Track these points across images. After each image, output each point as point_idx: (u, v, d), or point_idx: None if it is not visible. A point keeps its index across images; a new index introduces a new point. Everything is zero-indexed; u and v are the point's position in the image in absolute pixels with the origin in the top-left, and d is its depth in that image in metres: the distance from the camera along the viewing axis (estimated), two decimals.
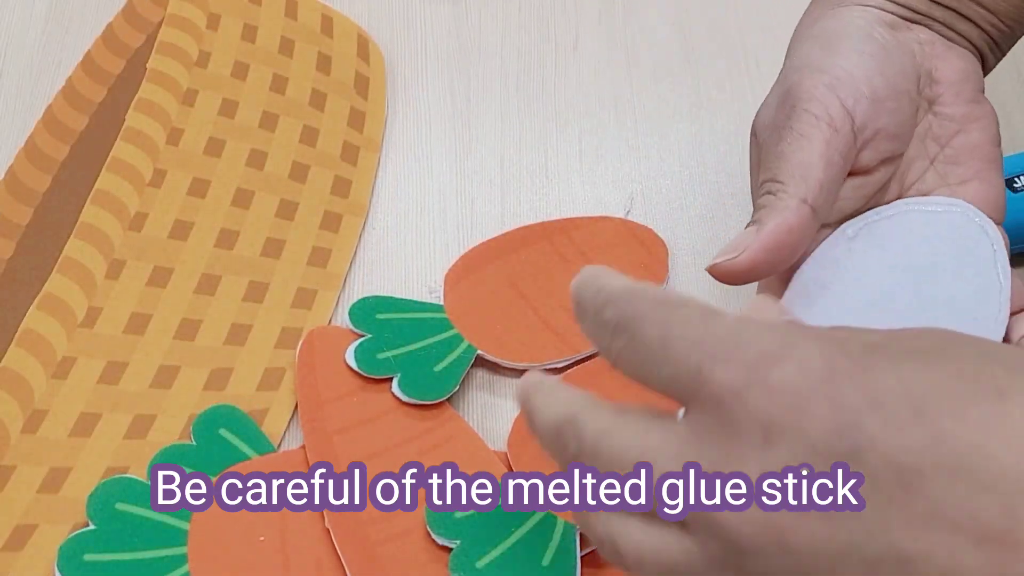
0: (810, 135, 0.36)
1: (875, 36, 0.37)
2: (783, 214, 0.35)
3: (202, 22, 0.54)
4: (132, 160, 0.49)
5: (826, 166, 0.36)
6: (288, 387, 0.44)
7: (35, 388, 0.43)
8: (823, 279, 0.38)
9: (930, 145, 0.39)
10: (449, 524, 0.39)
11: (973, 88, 0.39)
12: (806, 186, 0.36)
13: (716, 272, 0.36)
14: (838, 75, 0.37)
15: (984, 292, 0.37)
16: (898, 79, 0.37)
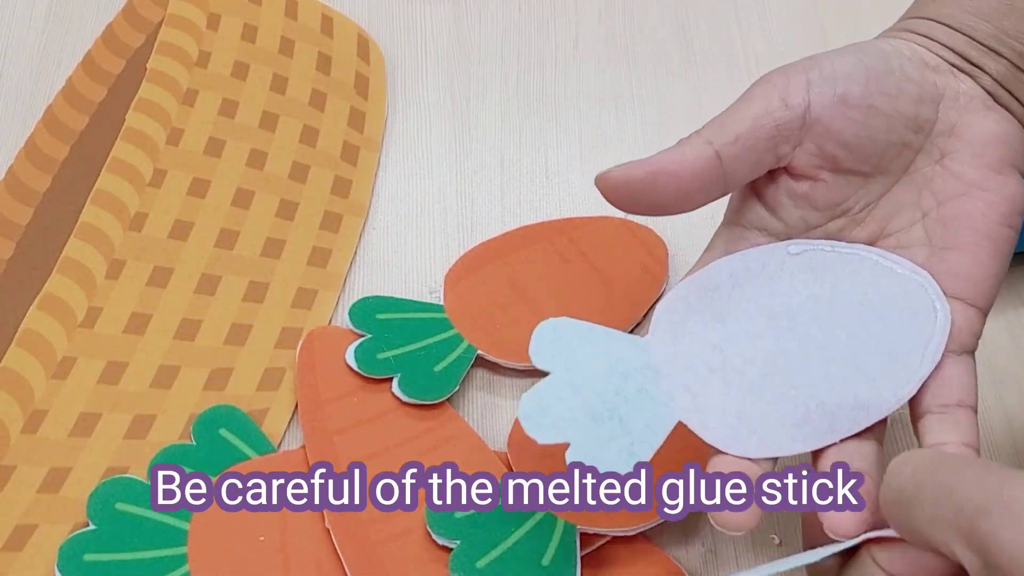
0: (756, 98, 0.36)
1: (891, 59, 0.36)
2: (681, 147, 0.35)
3: (202, 22, 0.54)
4: (132, 160, 0.49)
5: (752, 127, 0.35)
6: (288, 387, 0.44)
7: (35, 388, 0.43)
8: (739, 276, 0.37)
9: (926, 198, 0.37)
10: (449, 524, 0.39)
11: (1000, 157, 0.36)
12: (719, 132, 0.35)
13: (598, 182, 0.35)
14: (822, 64, 0.36)
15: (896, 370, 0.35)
16: (884, 100, 0.36)
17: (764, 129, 0.35)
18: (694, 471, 0.35)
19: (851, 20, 0.57)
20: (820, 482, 0.34)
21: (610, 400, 0.35)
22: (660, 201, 0.35)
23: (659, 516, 0.39)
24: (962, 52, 0.37)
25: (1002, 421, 0.45)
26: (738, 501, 0.33)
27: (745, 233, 0.38)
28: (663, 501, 0.37)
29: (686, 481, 0.35)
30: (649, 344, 0.37)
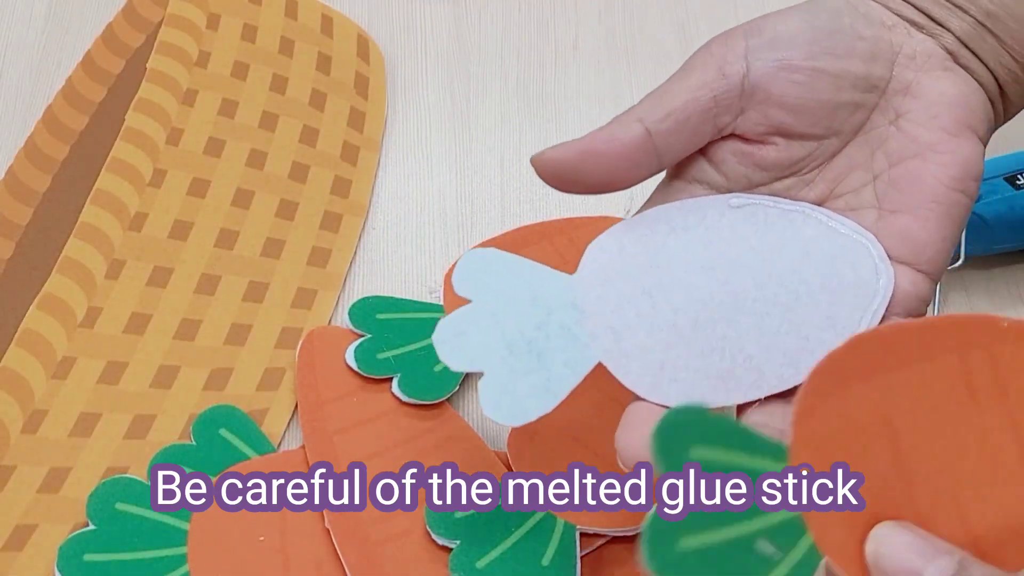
0: (693, 69, 0.34)
1: (841, 17, 0.35)
2: (611, 126, 0.34)
3: (202, 22, 0.54)
4: (132, 160, 0.49)
5: (688, 100, 0.34)
6: (288, 387, 0.44)
7: (35, 388, 0.43)
8: (676, 223, 0.35)
9: (879, 159, 0.35)
10: (449, 524, 0.39)
11: (956, 119, 0.35)
12: (651, 109, 0.34)
13: (532, 162, 0.34)
14: (763, 28, 0.35)
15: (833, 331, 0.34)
16: (830, 61, 0.34)
17: (699, 102, 0.34)
18: (694, 471, 0.35)
19: None
20: (820, 482, 0.33)
21: (530, 334, 0.34)
22: (592, 181, 0.34)
23: (658, 515, 0.39)
24: (924, 8, 0.35)
25: None
26: (738, 501, 0.33)
27: (686, 186, 0.37)
28: (663, 501, 0.36)
29: (686, 481, 0.35)
30: (577, 282, 0.36)
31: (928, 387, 0.29)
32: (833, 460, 0.28)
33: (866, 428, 0.29)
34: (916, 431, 0.29)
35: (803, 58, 0.34)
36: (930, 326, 0.30)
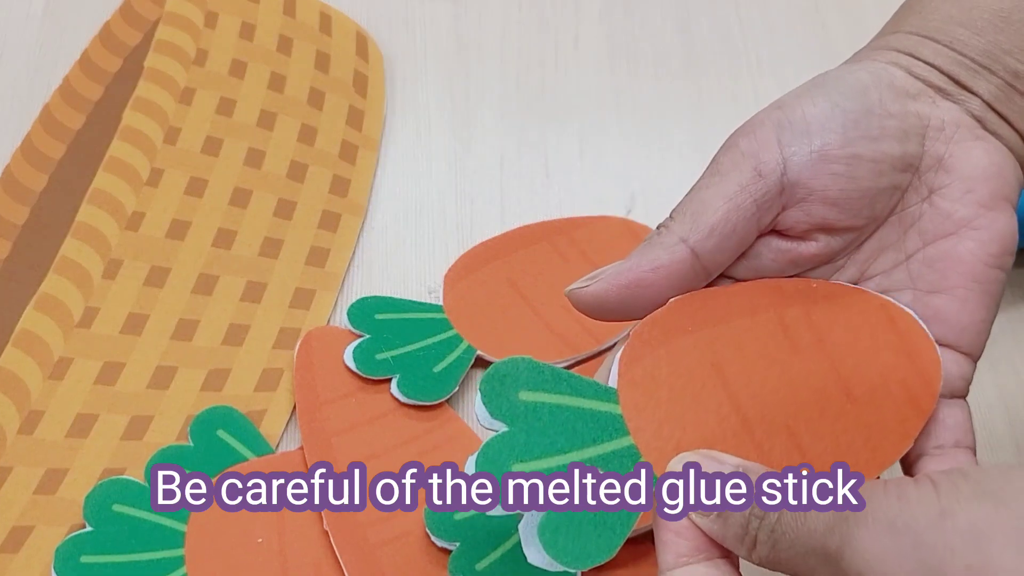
0: (727, 173, 0.33)
1: (868, 94, 0.33)
2: (654, 250, 0.32)
3: (200, 20, 0.53)
4: (129, 159, 0.49)
5: (728, 210, 0.32)
6: (286, 388, 0.44)
7: (32, 389, 0.43)
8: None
9: (912, 238, 0.34)
10: (448, 526, 0.39)
11: (991, 191, 0.33)
12: (693, 226, 0.32)
13: (570, 299, 0.33)
14: (792, 117, 0.33)
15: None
16: (866, 144, 0.32)
17: (741, 210, 0.32)
18: (694, 471, 0.35)
19: (853, 18, 0.57)
20: (820, 482, 0.33)
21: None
22: (638, 310, 0.33)
23: (659, 516, 0.39)
24: (950, 72, 0.34)
25: (1004, 419, 0.45)
26: (738, 501, 0.33)
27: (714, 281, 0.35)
28: (663, 501, 0.36)
29: (686, 481, 0.35)
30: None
31: (751, 338, 0.33)
32: (664, 402, 0.31)
33: (695, 373, 0.32)
34: (745, 375, 0.32)
35: (839, 146, 0.32)
36: (746, 289, 0.34)
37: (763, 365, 0.32)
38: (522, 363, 0.31)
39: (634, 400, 0.32)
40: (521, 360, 0.31)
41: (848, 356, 0.33)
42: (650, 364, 0.32)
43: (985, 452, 0.44)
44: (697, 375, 0.32)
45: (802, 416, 0.32)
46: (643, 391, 0.32)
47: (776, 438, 0.31)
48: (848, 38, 0.56)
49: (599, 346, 0.45)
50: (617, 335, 0.46)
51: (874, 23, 0.57)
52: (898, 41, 0.35)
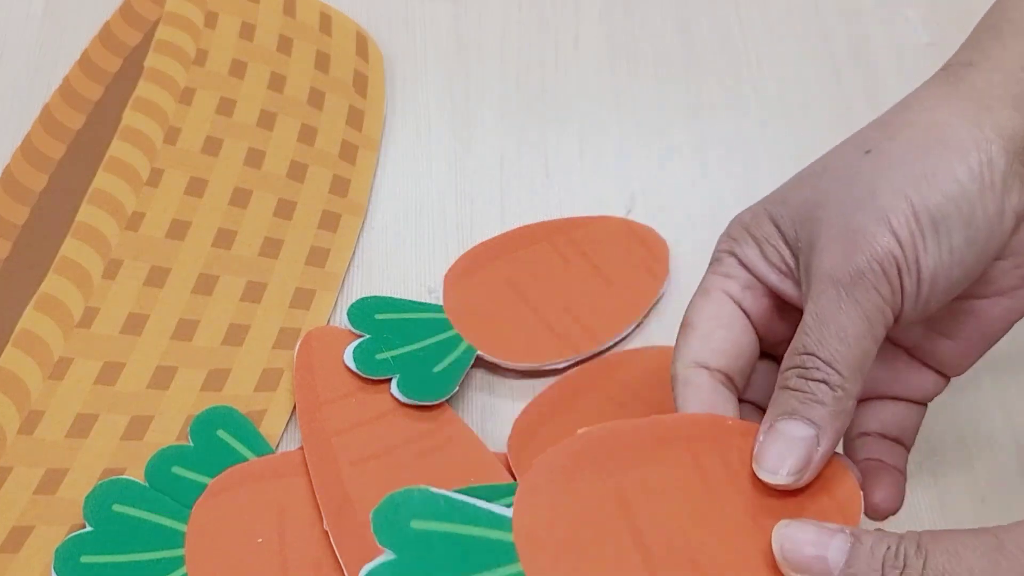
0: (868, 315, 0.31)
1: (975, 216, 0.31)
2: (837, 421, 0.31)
3: (200, 20, 0.53)
4: (129, 159, 0.49)
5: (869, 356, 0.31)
6: (286, 388, 0.44)
7: (32, 389, 0.43)
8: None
9: None
10: None
11: None
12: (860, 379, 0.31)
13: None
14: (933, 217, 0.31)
15: None
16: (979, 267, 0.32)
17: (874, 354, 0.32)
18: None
19: (853, 18, 0.57)
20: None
21: None
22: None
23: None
24: None
25: (1003, 419, 0.45)
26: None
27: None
28: None
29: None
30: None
31: (659, 472, 0.32)
32: (561, 533, 0.30)
33: (595, 504, 0.31)
34: (649, 508, 0.31)
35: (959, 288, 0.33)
36: (659, 423, 0.33)
37: (670, 499, 0.32)
38: (416, 493, 0.31)
39: (529, 530, 0.31)
40: (416, 490, 0.31)
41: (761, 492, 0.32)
42: (549, 494, 0.31)
43: (985, 452, 0.44)
44: (598, 507, 0.31)
45: (708, 551, 0.31)
46: (540, 521, 0.31)
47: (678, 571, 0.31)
48: (847, 37, 0.56)
49: (599, 346, 0.45)
50: (616, 335, 0.46)
51: (873, 21, 0.57)
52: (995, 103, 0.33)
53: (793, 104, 0.54)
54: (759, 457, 0.31)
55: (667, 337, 0.46)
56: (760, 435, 0.32)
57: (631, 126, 0.53)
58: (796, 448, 0.31)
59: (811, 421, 0.31)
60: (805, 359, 0.31)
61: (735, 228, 0.36)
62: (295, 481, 0.41)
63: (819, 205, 0.32)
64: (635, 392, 0.44)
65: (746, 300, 0.35)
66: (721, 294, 0.35)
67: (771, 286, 0.35)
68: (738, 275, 0.35)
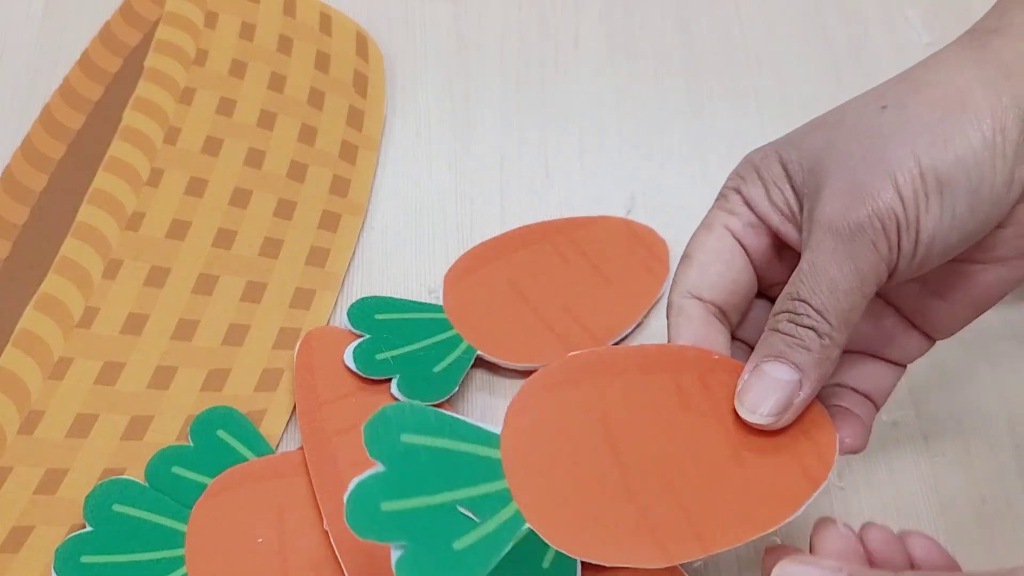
0: (861, 270, 0.31)
1: (983, 185, 0.31)
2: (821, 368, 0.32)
3: (200, 20, 0.53)
4: (129, 159, 0.49)
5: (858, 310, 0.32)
6: (286, 388, 0.44)
7: (32, 389, 0.43)
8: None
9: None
10: None
11: None
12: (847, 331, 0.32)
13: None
14: (939, 179, 0.31)
15: None
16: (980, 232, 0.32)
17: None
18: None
19: (853, 17, 0.57)
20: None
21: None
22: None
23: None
24: None
25: (1004, 420, 0.45)
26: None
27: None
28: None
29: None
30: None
31: (642, 396, 0.33)
32: (544, 450, 0.32)
33: (580, 425, 0.32)
34: (632, 431, 0.32)
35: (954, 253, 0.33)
36: (644, 351, 0.34)
37: (652, 422, 0.33)
38: (407, 408, 0.32)
39: (515, 446, 0.32)
40: (407, 405, 0.32)
41: (743, 425, 0.33)
42: (536, 413, 0.32)
43: (985, 452, 0.44)
44: (582, 426, 0.32)
45: (686, 474, 0.32)
46: (526, 438, 0.32)
47: (657, 495, 0.31)
48: (848, 38, 0.56)
49: (599, 346, 0.45)
50: (616, 335, 0.46)
51: (873, 21, 0.57)
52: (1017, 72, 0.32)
53: (793, 104, 0.54)
54: (741, 395, 0.32)
55: (667, 337, 0.46)
56: (745, 373, 0.33)
57: (631, 126, 0.53)
58: (778, 390, 0.32)
59: (796, 365, 0.32)
60: (796, 305, 0.32)
61: (744, 166, 0.36)
62: (295, 481, 0.41)
63: (829, 154, 0.33)
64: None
65: (747, 237, 0.36)
66: (723, 229, 0.36)
67: (773, 227, 0.35)
68: (741, 213, 0.36)
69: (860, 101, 0.34)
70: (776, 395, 0.32)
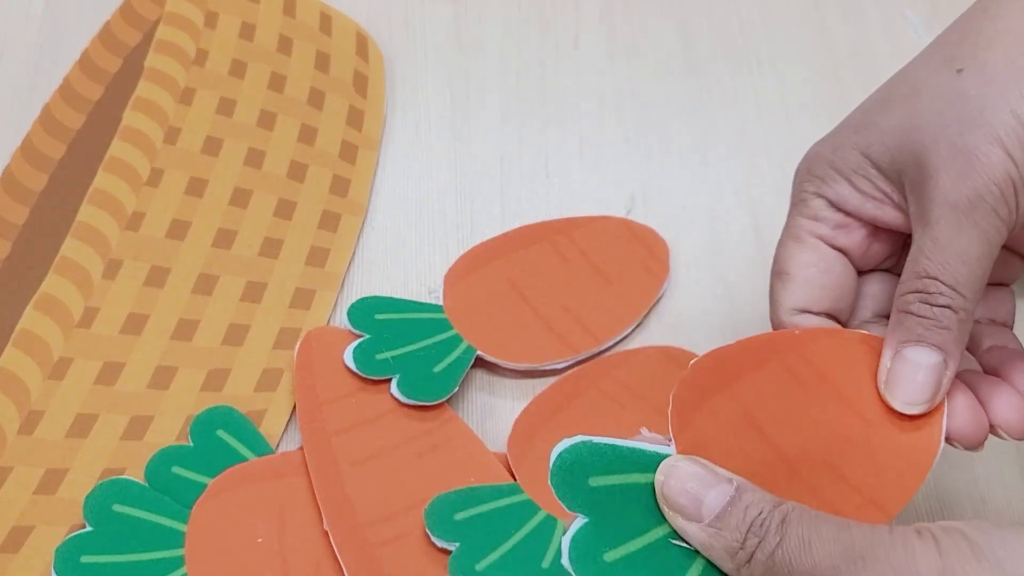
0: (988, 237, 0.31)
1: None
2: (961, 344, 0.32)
3: (200, 20, 0.53)
4: (129, 159, 0.49)
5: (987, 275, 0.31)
6: (286, 388, 0.44)
7: (32, 389, 0.43)
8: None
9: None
10: (448, 526, 0.39)
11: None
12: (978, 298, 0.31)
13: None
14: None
15: None
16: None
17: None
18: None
19: (853, 17, 0.57)
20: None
21: None
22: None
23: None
24: None
25: None
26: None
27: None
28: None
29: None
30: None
31: (768, 387, 0.34)
32: (716, 459, 0.33)
33: (735, 427, 0.33)
34: (774, 421, 0.33)
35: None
36: (746, 345, 0.35)
37: (787, 410, 0.34)
38: (584, 447, 0.33)
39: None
40: (582, 444, 0.33)
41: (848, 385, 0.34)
42: (698, 425, 0.33)
43: (985, 452, 0.44)
44: (738, 428, 0.33)
45: (835, 450, 0.33)
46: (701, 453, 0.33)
47: (822, 475, 0.32)
48: (848, 38, 0.56)
49: (599, 346, 0.45)
50: (617, 335, 0.46)
51: (873, 20, 0.57)
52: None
53: (793, 104, 0.54)
54: (892, 386, 0.32)
55: (667, 337, 0.46)
56: (886, 360, 0.33)
57: (631, 126, 0.53)
58: (927, 375, 0.32)
59: (938, 347, 0.32)
60: (928, 283, 0.31)
61: (818, 166, 0.35)
62: (295, 481, 0.41)
63: (919, 128, 0.32)
64: (635, 392, 0.44)
65: (839, 239, 0.35)
66: (814, 240, 0.35)
67: (868, 218, 0.35)
68: (827, 216, 0.35)
69: (925, 68, 0.33)
70: (930, 383, 0.32)
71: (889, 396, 0.32)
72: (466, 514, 0.39)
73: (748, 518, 0.30)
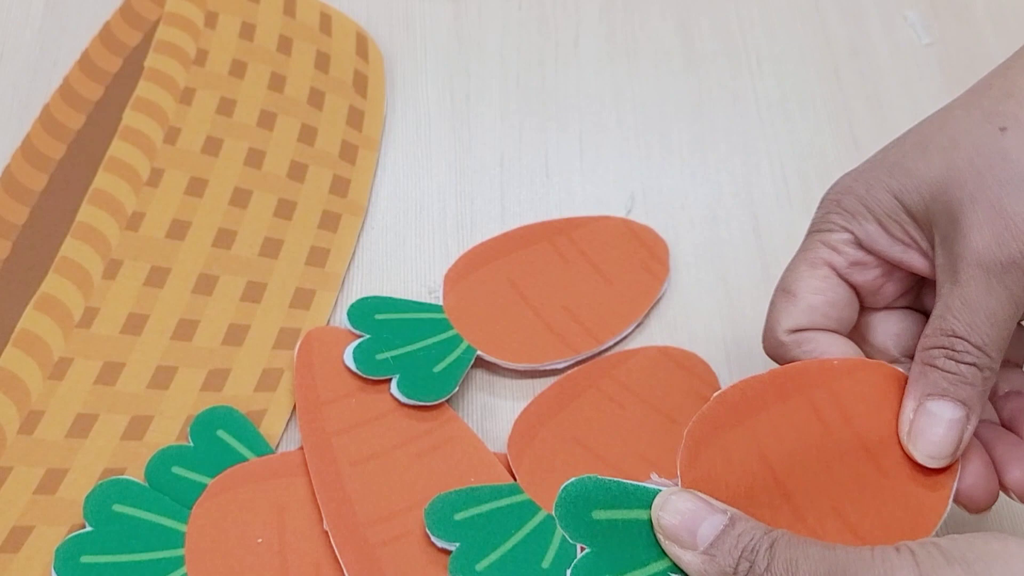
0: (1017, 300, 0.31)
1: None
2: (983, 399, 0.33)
3: (200, 20, 0.53)
4: (129, 159, 0.49)
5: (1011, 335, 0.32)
6: (286, 388, 0.44)
7: (32, 389, 0.43)
8: None
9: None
10: (448, 526, 0.39)
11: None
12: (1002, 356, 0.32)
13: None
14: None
15: None
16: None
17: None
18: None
19: (853, 18, 0.57)
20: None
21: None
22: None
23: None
24: None
25: None
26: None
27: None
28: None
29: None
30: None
31: (787, 425, 0.34)
32: (722, 496, 0.33)
33: (745, 465, 0.34)
34: (787, 461, 0.34)
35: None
36: (777, 376, 0.35)
37: (803, 452, 0.34)
38: (590, 483, 0.34)
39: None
40: (588, 480, 0.34)
41: (872, 430, 0.34)
42: (706, 461, 0.34)
43: None
44: (747, 467, 0.34)
45: (845, 497, 0.34)
46: (705, 490, 0.34)
47: (828, 522, 0.33)
48: (848, 38, 0.56)
49: (599, 346, 0.45)
50: (617, 335, 0.46)
51: (873, 20, 0.57)
52: None
53: (793, 104, 0.54)
54: (915, 438, 0.33)
55: (667, 337, 0.46)
56: (908, 411, 0.33)
57: (631, 126, 0.53)
58: (949, 430, 0.32)
59: (962, 402, 0.32)
60: (954, 342, 0.32)
61: (849, 201, 0.35)
62: (295, 481, 0.41)
63: (956, 183, 0.32)
64: (635, 392, 0.44)
65: (853, 275, 0.36)
66: (828, 269, 0.36)
67: (893, 260, 0.35)
68: (848, 252, 0.35)
69: (967, 120, 0.33)
70: (948, 436, 0.32)
71: (912, 447, 0.33)
72: (466, 514, 0.39)
73: (740, 544, 0.31)
